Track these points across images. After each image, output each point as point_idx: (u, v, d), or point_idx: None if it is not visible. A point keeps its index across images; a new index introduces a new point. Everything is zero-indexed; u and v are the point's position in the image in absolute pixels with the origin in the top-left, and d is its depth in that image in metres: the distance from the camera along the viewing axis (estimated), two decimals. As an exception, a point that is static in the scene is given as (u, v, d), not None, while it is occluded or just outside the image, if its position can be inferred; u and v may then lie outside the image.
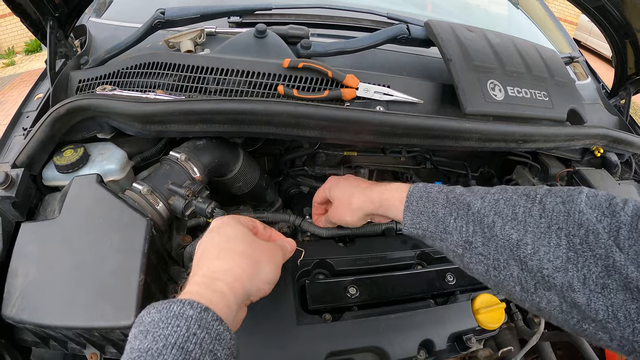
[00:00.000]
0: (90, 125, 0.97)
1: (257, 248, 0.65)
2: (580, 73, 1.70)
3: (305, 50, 1.01)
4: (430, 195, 0.73)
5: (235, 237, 0.64)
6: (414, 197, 0.74)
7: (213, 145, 0.98)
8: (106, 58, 1.08)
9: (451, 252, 0.69)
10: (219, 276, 0.56)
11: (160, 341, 0.45)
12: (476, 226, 0.64)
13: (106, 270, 0.75)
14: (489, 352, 1.11)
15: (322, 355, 0.89)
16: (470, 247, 0.64)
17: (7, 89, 7.02)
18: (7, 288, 0.76)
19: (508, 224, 0.60)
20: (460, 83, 0.93)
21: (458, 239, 0.66)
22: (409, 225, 0.74)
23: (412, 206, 0.74)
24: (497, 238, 0.61)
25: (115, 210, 0.81)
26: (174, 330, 0.46)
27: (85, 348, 0.83)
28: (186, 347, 0.45)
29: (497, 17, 2.04)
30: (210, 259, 0.60)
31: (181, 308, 0.49)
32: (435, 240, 0.71)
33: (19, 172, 0.88)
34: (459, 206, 0.67)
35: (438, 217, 0.69)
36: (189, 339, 0.46)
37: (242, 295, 0.58)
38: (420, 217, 0.72)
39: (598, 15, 1.28)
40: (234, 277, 0.57)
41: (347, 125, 0.89)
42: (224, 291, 0.55)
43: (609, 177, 1.29)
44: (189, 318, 0.48)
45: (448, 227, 0.67)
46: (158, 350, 0.44)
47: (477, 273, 0.65)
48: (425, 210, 0.71)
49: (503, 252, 0.60)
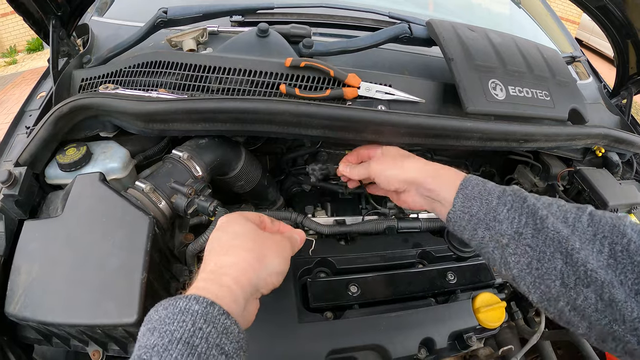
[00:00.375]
0: (93, 124, 0.97)
1: (264, 242, 0.65)
2: (582, 72, 1.70)
3: (307, 50, 1.01)
4: (486, 186, 0.73)
5: (242, 234, 0.64)
6: (470, 182, 0.75)
7: (215, 143, 0.98)
8: (109, 57, 1.08)
9: (492, 243, 0.69)
10: (225, 271, 0.56)
11: (166, 337, 0.46)
12: (529, 218, 0.65)
13: (109, 268, 0.75)
14: (489, 350, 1.12)
15: (324, 353, 0.89)
16: (519, 237, 0.65)
17: (9, 87, 7.03)
18: (10, 286, 0.77)
19: (559, 221, 0.63)
20: (461, 82, 0.93)
21: (507, 228, 0.66)
22: (458, 207, 0.73)
23: (466, 189, 0.74)
24: (547, 230, 0.62)
25: (117, 208, 0.81)
26: (179, 326, 0.46)
27: (87, 345, 0.84)
28: (192, 342, 0.45)
29: (499, 17, 2.04)
30: (218, 255, 0.60)
31: (187, 304, 0.49)
32: (478, 229, 0.71)
33: (22, 171, 0.89)
34: (515, 199, 0.68)
35: (491, 205, 0.69)
36: (195, 334, 0.46)
37: (250, 288, 0.58)
38: (472, 202, 0.72)
39: (600, 15, 1.28)
40: (240, 271, 0.57)
41: (348, 124, 0.89)
42: (230, 285, 0.55)
43: (610, 177, 1.29)
44: (194, 313, 0.48)
45: (499, 215, 0.68)
46: (164, 346, 0.45)
47: (516, 266, 0.65)
48: (479, 197, 0.72)
49: (551, 245, 0.61)
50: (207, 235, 0.86)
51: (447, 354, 1.04)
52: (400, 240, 1.16)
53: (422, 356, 0.98)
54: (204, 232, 0.87)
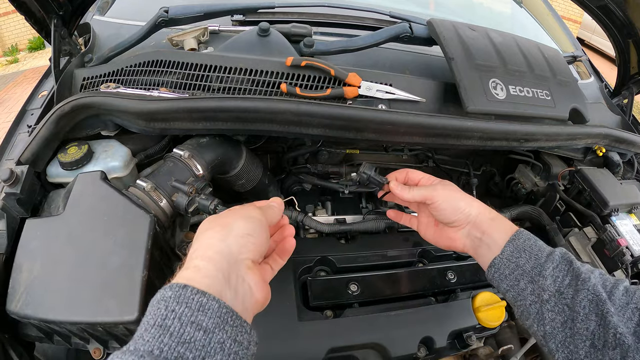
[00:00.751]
0: (94, 123, 0.97)
1: (220, 216, 0.64)
2: (583, 72, 1.70)
3: (308, 49, 1.02)
4: (537, 243, 0.75)
5: (203, 225, 0.63)
6: (523, 235, 0.76)
7: (216, 142, 0.99)
8: (110, 56, 1.08)
9: (532, 296, 0.71)
10: (190, 257, 0.56)
11: (142, 327, 0.47)
12: (572, 280, 0.68)
13: (110, 266, 0.75)
14: (489, 350, 1.11)
15: (323, 351, 0.90)
16: (560, 296, 0.67)
17: (10, 86, 7.04)
18: (12, 283, 0.77)
19: (599, 285, 0.66)
20: (462, 82, 0.93)
21: (550, 285, 0.68)
22: (506, 255, 0.75)
23: (518, 241, 0.75)
24: (587, 292, 0.65)
25: (119, 206, 0.81)
26: (154, 314, 0.47)
27: (88, 343, 0.84)
28: (164, 324, 0.46)
29: (500, 16, 2.03)
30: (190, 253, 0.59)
31: (161, 294, 0.49)
32: (521, 280, 0.72)
33: (24, 169, 0.89)
34: (561, 260, 0.71)
35: (539, 261, 0.72)
36: (168, 316, 0.47)
37: (221, 257, 0.55)
38: (520, 254, 0.74)
39: (601, 15, 1.28)
40: (204, 247, 0.57)
41: (349, 123, 0.89)
42: (197, 265, 0.54)
43: (611, 177, 1.30)
44: (167, 299, 0.48)
45: (545, 271, 0.70)
46: (139, 335, 0.46)
47: (550, 323, 0.67)
48: (529, 250, 0.74)
49: (587, 306, 0.64)
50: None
51: (447, 353, 1.04)
52: (401, 239, 1.16)
53: (422, 355, 0.98)
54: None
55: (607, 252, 1.15)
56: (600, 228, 1.18)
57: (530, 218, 1.34)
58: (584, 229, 1.22)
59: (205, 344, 0.46)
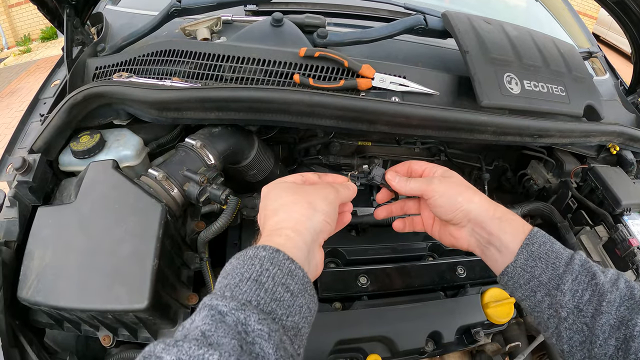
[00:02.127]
0: (107, 112, 0.98)
1: (306, 192, 0.67)
2: (599, 68, 1.68)
3: (322, 40, 1.01)
4: (554, 246, 0.67)
5: (284, 193, 0.67)
6: (537, 238, 0.68)
7: (228, 132, 0.99)
8: (122, 45, 1.08)
9: (550, 311, 0.65)
10: (282, 225, 0.61)
11: (237, 277, 0.52)
12: (593, 296, 0.62)
13: (121, 254, 0.76)
14: (496, 346, 1.11)
15: (331, 343, 0.90)
16: (579, 313, 0.62)
17: (23, 75, 7.10)
18: (23, 270, 0.78)
19: (625, 303, 0.60)
20: (476, 75, 0.92)
21: (569, 301, 0.62)
22: (520, 264, 0.67)
23: (532, 246, 0.67)
24: (609, 316, 0.59)
25: (130, 195, 0.82)
26: (249, 268, 0.53)
27: (98, 330, 0.85)
28: (260, 280, 0.52)
29: (515, 10, 2.01)
30: (271, 217, 0.63)
31: (255, 251, 0.55)
32: (537, 292, 0.66)
33: (36, 158, 0.90)
34: (582, 270, 0.64)
35: (557, 272, 0.65)
36: (263, 274, 0.52)
37: (308, 234, 0.61)
38: (536, 262, 0.66)
39: (618, 11, 1.26)
40: (294, 221, 0.61)
41: (362, 115, 0.89)
42: (288, 234, 0.59)
43: (624, 176, 1.28)
44: (262, 258, 0.54)
45: (563, 285, 0.63)
46: (235, 284, 0.51)
47: (568, 342, 0.63)
48: (546, 258, 0.66)
49: (607, 330, 0.59)
50: (219, 224, 0.87)
51: (454, 348, 1.04)
52: (411, 233, 1.15)
53: (429, 349, 0.98)
54: (216, 221, 0.87)
55: (618, 252, 1.13)
56: (611, 227, 1.17)
57: (542, 215, 1.32)
58: (595, 227, 1.21)
59: (290, 304, 0.53)
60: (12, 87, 6.68)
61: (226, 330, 0.46)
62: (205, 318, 0.47)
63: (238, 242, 1.03)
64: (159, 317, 0.78)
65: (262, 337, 0.47)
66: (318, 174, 0.76)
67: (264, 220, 0.66)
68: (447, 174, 0.79)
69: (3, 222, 0.87)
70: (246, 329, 0.47)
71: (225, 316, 0.47)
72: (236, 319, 0.47)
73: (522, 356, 1.08)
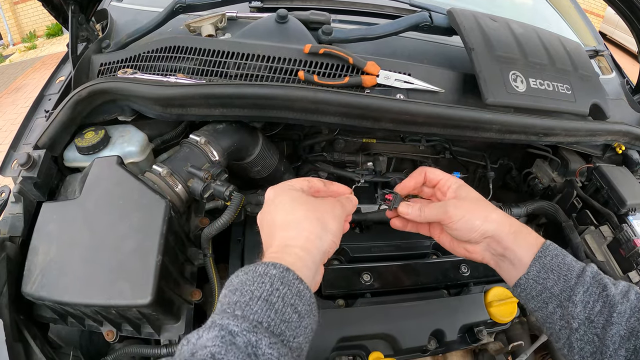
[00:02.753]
0: (111, 108, 0.98)
1: (316, 208, 0.66)
2: (605, 67, 1.67)
3: (327, 36, 1.00)
4: (566, 259, 0.68)
5: (294, 205, 0.66)
6: (550, 251, 0.69)
7: (233, 129, 0.99)
8: (127, 42, 1.09)
9: (562, 322, 0.66)
10: (291, 243, 0.61)
11: (247, 295, 0.51)
12: (604, 307, 0.62)
13: (125, 250, 0.76)
14: (499, 345, 1.11)
15: (334, 340, 0.90)
16: (590, 325, 0.62)
17: (28, 72, 7.13)
18: (28, 265, 0.78)
19: (635, 314, 0.60)
20: (481, 73, 0.92)
21: (580, 313, 0.63)
22: (532, 276, 0.68)
23: (544, 259, 0.68)
24: (620, 327, 0.60)
25: (134, 191, 0.82)
26: (259, 286, 0.52)
27: (102, 325, 0.85)
28: (270, 300, 0.51)
29: (521, 7, 2.00)
30: (280, 231, 0.63)
31: (265, 268, 0.54)
32: (549, 304, 0.67)
33: (41, 154, 0.90)
34: (593, 282, 0.65)
35: (569, 284, 0.65)
36: (273, 293, 0.52)
37: (317, 253, 0.62)
38: (548, 274, 0.67)
39: (624, 9, 1.25)
40: (304, 239, 0.61)
41: (366, 112, 0.88)
42: (298, 253, 0.59)
43: (630, 175, 1.27)
44: (272, 276, 0.53)
45: (575, 297, 0.64)
46: (245, 302, 0.50)
47: (579, 352, 0.63)
48: (558, 270, 0.67)
49: (617, 342, 0.59)
50: (223, 220, 0.87)
51: (457, 347, 1.03)
52: (415, 231, 1.15)
53: (432, 347, 0.98)
54: (220, 217, 0.87)
55: (622, 252, 1.12)
56: (616, 227, 1.16)
57: (546, 214, 1.32)
58: (600, 227, 1.20)
59: (297, 325, 0.52)
60: (17, 83, 6.71)
61: (236, 353, 0.45)
62: (215, 339, 0.46)
63: (242, 238, 1.03)
64: (162, 313, 0.78)
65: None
66: (323, 181, 0.76)
67: (270, 229, 0.66)
68: (461, 191, 0.77)
69: (8, 217, 0.87)
70: (256, 352, 0.47)
71: (235, 337, 0.47)
72: (247, 340, 0.47)
73: (525, 355, 1.08)
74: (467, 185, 0.79)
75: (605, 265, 1.14)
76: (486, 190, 1.38)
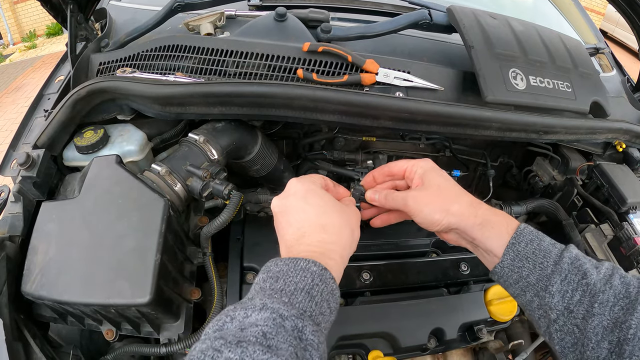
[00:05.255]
0: (111, 107, 0.98)
1: (349, 217, 0.71)
2: (606, 65, 1.66)
3: (325, 34, 1.00)
4: (542, 244, 0.65)
5: (327, 209, 0.69)
6: (524, 237, 0.66)
7: (232, 127, 0.99)
8: (126, 41, 1.08)
9: (540, 311, 0.64)
10: (330, 247, 0.64)
11: (292, 285, 0.56)
12: (584, 296, 0.60)
13: (124, 249, 0.76)
14: (499, 344, 1.11)
15: (333, 339, 0.90)
16: (569, 315, 0.60)
17: (28, 71, 7.14)
18: (27, 265, 0.78)
19: (619, 302, 0.58)
20: (481, 71, 0.92)
21: (558, 303, 0.61)
22: (507, 264, 0.66)
23: (518, 246, 0.66)
24: (602, 317, 0.57)
25: (133, 190, 0.82)
26: (302, 279, 0.57)
27: (101, 324, 0.85)
28: (312, 293, 0.56)
29: (521, 5, 1.99)
30: (318, 232, 0.66)
31: (307, 264, 0.58)
32: (526, 292, 0.65)
33: (40, 153, 0.90)
34: (571, 269, 0.62)
35: (545, 272, 0.63)
36: (314, 288, 0.56)
37: (346, 259, 0.68)
38: (523, 262, 0.65)
39: (625, 7, 1.25)
40: (341, 247, 0.66)
41: (366, 110, 0.88)
42: (335, 259, 0.64)
43: (631, 173, 1.27)
44: (313, 273, 0.58)
45: (551, 287, 0.62)
46: (290, 291, 0.55)
47: (559, 343, 0.61)
48: (533, 258, 0.64)
49: (600, 333, 0.57)
50: (222, 219, 0.87)
51: (457, 345, 1.04)
52: (415, 229, 1.15)
53: (432, 346, 0.98)
54: (219, 215, 0.87)
55: (623, 250, 1.13)
56: (617, 225, 1.16)
57: (547, 212, 1.32)
58: (600, 225, 1.20)
59: (328, 319, 0.58)
60: (17, 83, 6.72)
61: (285, 336, 0.49)
62: (267, 320, 0.49)
63: (241, 237, 1.03)
64: (162, 312, 0.78)
65: (313, 347, 0.51)
66: (332, 182, 0.81)
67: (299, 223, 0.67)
68: (426, 178, 0.75)
69: (7, 217, 0.87)
70: (301, 336, 0.51)
71: (285, 320, 0.50)
72: (294, 325, 0.51)
73: (525, 354, 1.08)
74: (433, 170, 0.77)
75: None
76: (486, 188, 1.38)
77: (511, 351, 1.12)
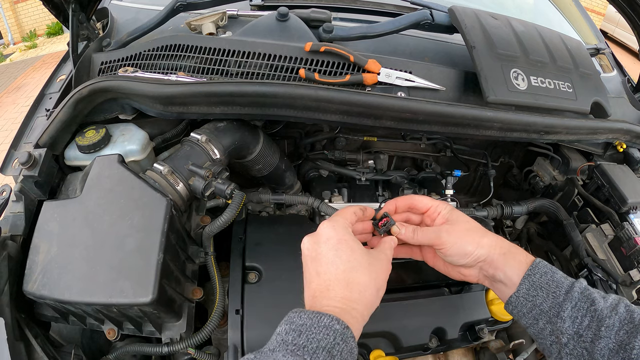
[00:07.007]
0: (112, 107, 0.98)
1: (376, 274, 0.69)
2: (606, 65, 1.66)
3: (327, 34, 1.00)
4: (555, 276, 0.70)
5: (355, 264, 0.67)
6: (539, 269, 0.71)
7: (234, 127, 0.99)
8: (128, 40, 1.09)
9: (552, 337, 0.68)
10: (353, 305, 0.64)
11: (314, 342, 0.56)
12: (592, 322, 0.64)
13: (126, 248, 0.76)
14: (500, 343, 1.11)
15: (335, 339, 0.89)
16: (579, 339, 0.64)
17: (29, 71, 7.14)
18: (29, 264, 0.78)
19: (624, 327, 0.62)
20: (483, 71, 0.92)
21: (569, 328, 0.65)
22: (522, 294, 0.71)
23: (534, 277, 0.71)
24: (608, 340, 0.62)
25: (135, 189, 0.82)
26: (324, 337, 0.57)
27: (103, 324, 0.85)
28: (332, 352, 0.56)
29: (522, 5, 1.99)
30: (343, 288, 0.65)
31: (330, 321, 0.58)
32: (539, 320, 0.69)
33: (42, 152, 0.90)
34: (581, 297, 0.67)
35: (557, 300, 0.68)
36: (335, 347, 0.56)
37: (368, 316, 0.67)
38: (537, 292, 0.69)
39: (625, 7, 1.25)
40: (363, 305, 0.65)
41: (367, 110, 0.88)
42: (357, 317, 0.63)
43: (631, 174, 1.27)
44: (335, 331, 0.58)
45: (563, 312, 0.66)
46: (312, 349, 0.55)
47: None
48: (547, 287, 0.69)
49: (606, 355, 0.61)
50: (224, 218, 0.87)
51: (458, 345, 1.04)
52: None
53: (433, 345, 0.98)
54: (221, 215, 0.87)
55: (623, 250, 1.13)
56: (617, 225, 1.17)
57: (547, 212, 1.32)
58: (601, 225, 1.21)
59: None
60: (18, 82, 6.72)
61: None
62: None
63: (243, 236, 1.03)
64: (164, 311, 0.79)
65: None
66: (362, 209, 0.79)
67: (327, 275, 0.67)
68: (452, 216, 0.80)
69: (9, 216, 0.87)
70: None
71: None
72: None
73: (526, 354, 1.08)
74: (457, 210, 0.81)
75: (606, 264, 1.13)
76: (487, 188, 1.38)
77: (512, 351, 1.12)
